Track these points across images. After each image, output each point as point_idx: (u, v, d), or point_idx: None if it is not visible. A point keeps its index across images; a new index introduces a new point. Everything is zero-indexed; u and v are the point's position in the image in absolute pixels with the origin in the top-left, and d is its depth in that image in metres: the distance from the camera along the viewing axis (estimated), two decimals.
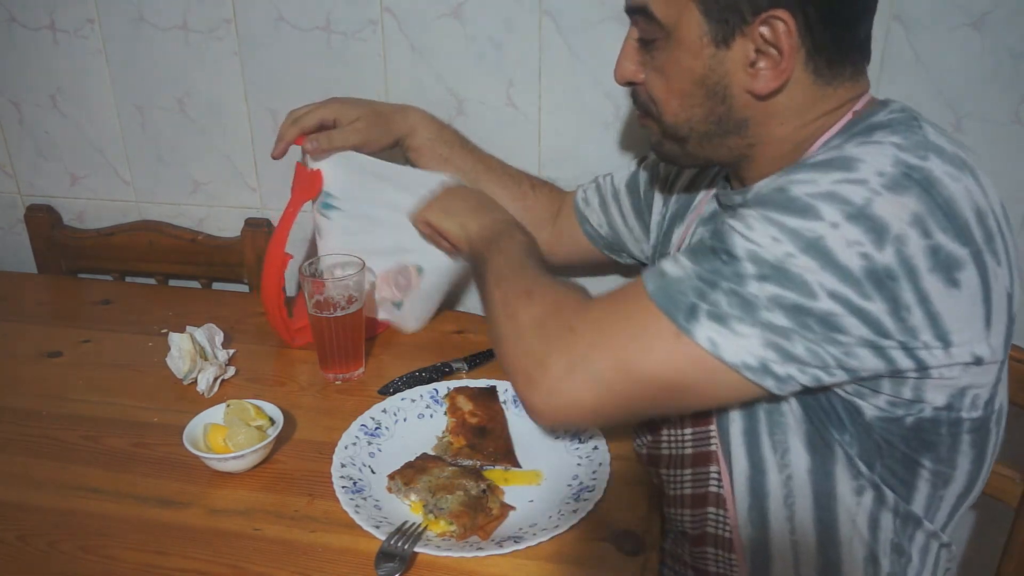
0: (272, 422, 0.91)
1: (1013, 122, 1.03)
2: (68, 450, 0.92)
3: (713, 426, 0.78)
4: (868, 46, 0.73)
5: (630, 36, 0.78)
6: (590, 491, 0.82)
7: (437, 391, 1.00)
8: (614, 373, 0.68)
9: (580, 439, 0.91)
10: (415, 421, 0.96)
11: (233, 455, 0.85)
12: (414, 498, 0.82)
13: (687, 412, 0.79)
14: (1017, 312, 0.66)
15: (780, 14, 0.66)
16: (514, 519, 0.81)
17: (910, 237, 0.59)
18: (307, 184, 1.10)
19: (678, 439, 0.83)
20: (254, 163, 1.34)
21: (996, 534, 0.93)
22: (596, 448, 0.89)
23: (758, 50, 0.69)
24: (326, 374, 1.06)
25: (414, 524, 0.77)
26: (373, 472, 0.87)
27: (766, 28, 0.67)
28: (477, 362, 1.08)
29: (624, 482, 0.85)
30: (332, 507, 0.81)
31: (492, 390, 0.99)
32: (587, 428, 0.90)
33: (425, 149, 1.11)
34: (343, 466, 0.86)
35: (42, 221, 1.44)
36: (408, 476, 0.83)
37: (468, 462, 0.87)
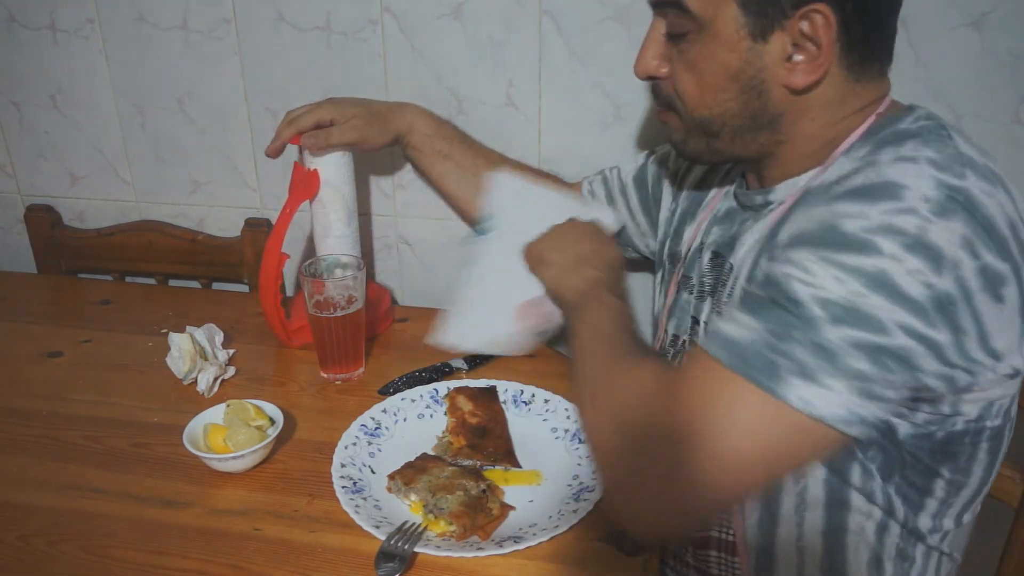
0: (272, 422, 0.91)
1: (1013, 122, 1.03)
2: (68, 450, 0.92)
3: None
4: (892, 46, 0.73)
5: (654, 29, 0.76)
6: (590, 491, 0.82)
7: (437, 391, 1.00)
8: (716, 473, 0.61)
9: (580, 439, 0.91)
10: (415, 421, 0.96)
11: (233, 455, 0.85)
12: (414, 498, 0.82)
13: (784, 481, 0.74)
14: None
15: (820, 8, 0.66)
16: (514, 519, 0.81)
17: (963, 260, 0.59)
18: (304, 184, 1.10)
19: None
20: (254, 163, 1.34)
21: (996, 534, 0.92)
22: None
23: (795, 44, 0.68)
24: (326, 374, 1.06)
25: (414, 524, 0.77)
26: (373, 472, 0.87)
27: (805, 22, 0.67)
28: (477, 362, 1.08)
29: None
30: (332, 507, 0.81)
31: (492, 390, 0.99)
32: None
33: (424, 146, 1.11)
34: (343, 466, 0.86)
35: (42, 221, 1.44)
36: (408, 476, 0.83)
37: (468, 462, 0.87)
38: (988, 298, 0.60)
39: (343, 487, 0.83)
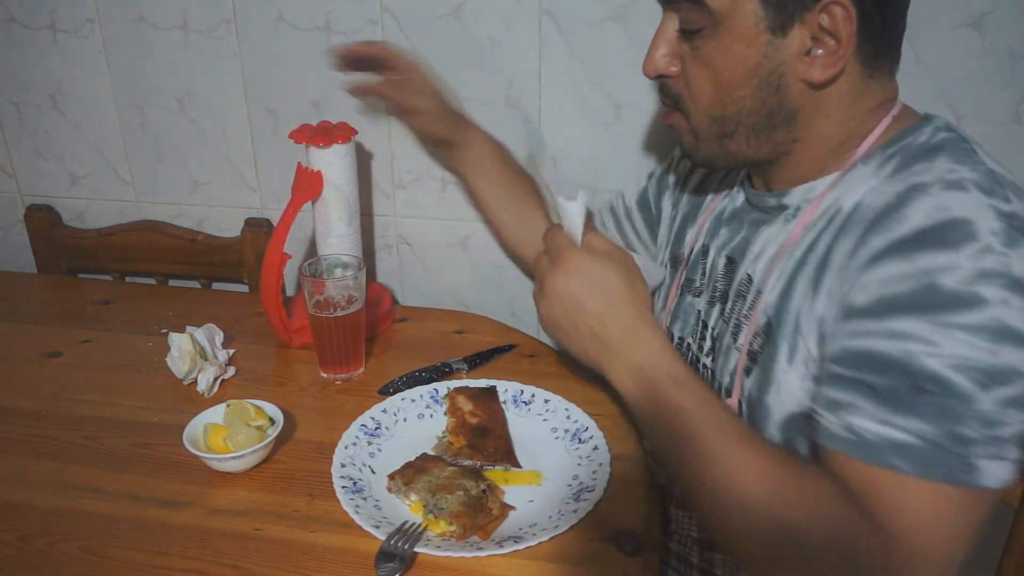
0: (272, 422, 0.91)
1: (1013, 122, 1.03)
2: (68, 450, 0.92)
3: None
4: (901, 44, 0.73)
5: (665, 27, 0.75)
6: (590, 491, 0.82)
7: (437, 391, 1.00)
8: None
9: (580, 439, 0.91)
10: (415, 421, 0.96)
11: (233, 455, 0.85)
12: (414, 498, 0.82)
13: None
14: None
15: (841, 0, 0.65)
16: (514, 519, 0.81)
17: None
18: (308, 185, 1.10)
19: None
20: (254, 163, 1.34)
21: (996, 534, 0.92)
22: (596, 448, 0.89)
23: (814, 38, 0.68)
24: (326, 374, 1.06)
25: (414, 524, 0.77)
26: (373, 472, 0.87)
27: (825, 15, 0.66)
28: (477, 362, 1.08)
29: (624, 482, 0.84)
30: (332, 507, 0.81)
31: (492, 390, 0.99)
32: None
33: (480, 163, 1.12)
34: (343, 466, 0.86)
35: (42, 221, 1.44)
36: (408, 476, 0.83)
37: (468, 462, 0.87)
38: None
39: (343, 487, 0.83)
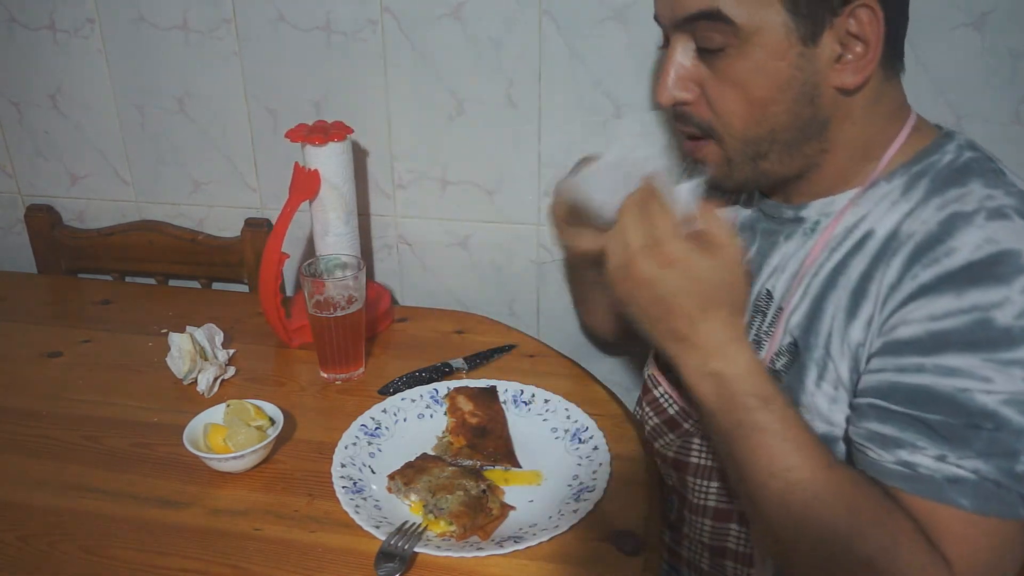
0: (272, 422, 0.91)
1: (1013, 122, 1.03)
2: (68, 450, 0.92)
3: None
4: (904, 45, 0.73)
5: (674, 50, 0.71)
6: (590, 491, 0.82)
7: (437, 391, 1.00)
8: None
9: (580, 439, 0.91)
10: (415, 421, 0.96)
11: (233, 455, 0.85)
12: (414, 498, 0.82)
13: None
14: None
15: (868, 1, 0.65)
16: (514, 519, 0.81)
17: None
18: (305, 184, 1.10)
19: (709, 451, 0.82)
20: (254, 163, 1.34)
21: None
22: (596, 448, 0.89)
23: (842, 43, 0.66)
24: (326, 374, 1.06)
25: (414, 524, 0.77)
26: (373, 472, 0.87)
27: (852, 19, 0.65)
28: (477, 362, 1.08)
29: (624, 482, 0.85)
30: (332, 507, 0.81)
31: (492, 390, 0.99)
32: None
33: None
34: (343, 466, 0.86)
35: (42, 221, 1.44)
36: (408, 476, 0.83)
37: (468, 462, 0.87)
38: None
39: (343, 487, 0.83)
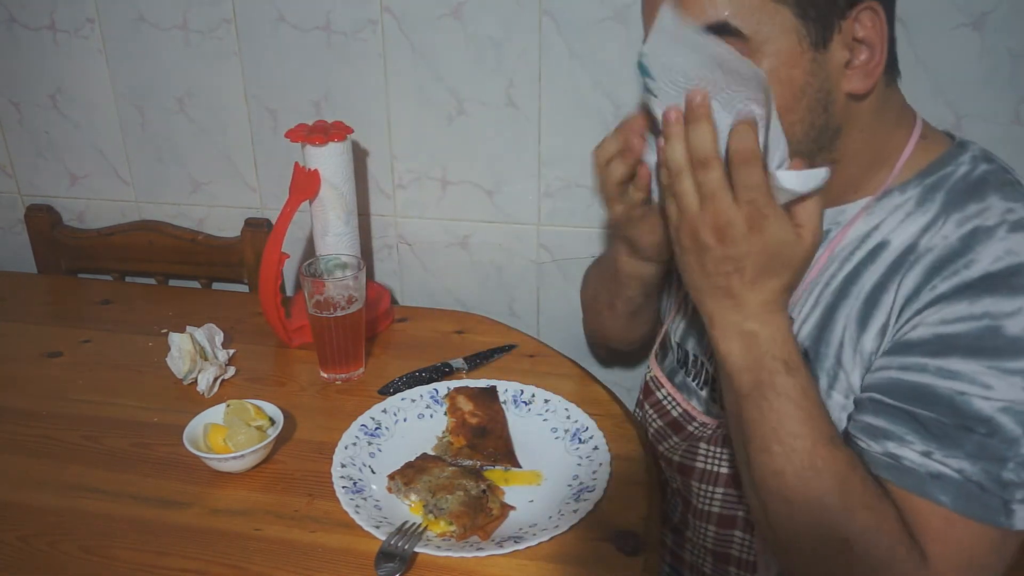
0: (272, 422, 0.91)
1: (1013, 122, 1.03)
2: (68, 450, 0.92)
3: None
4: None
5: None
6: (590, 491, 0.82)
7: (437, 391, 1.00)
8: None
9: (580, 439, 0.91)
10: (415, 421, 0.96)
11: (233, 455, 0.85)
12: (414, 498, 0.82)
13: None
14: None
15: (872, 4, 0.65)
16: (514, 519, 0.81)
17: None
18: (305, 183, 1.10)
19: (715, 456, 0.82)
20: (254, 163, 1.34)
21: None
22: (596, 448, 0.89)
23: (849, 49, 0.66)
24: (326, 374, 1.06)
25: (414, 524, 0.77)
26: (373, 472, 0.87)
27: (857, 23, 0.65)
28: (477, 362, 1.08)
29: (624, 482, 0.85)
30: (332, 507, 0.81)
31: (492, 390, 0.99)
32: None
33: (642, 287, 0.95)
34: (343, 466, 0.86)
35: (42, 221, 1.44)
36: (408, 476, 0.83)
37: (468, 462, 0.87)
38: None
39: (343, 487, 0.83)
